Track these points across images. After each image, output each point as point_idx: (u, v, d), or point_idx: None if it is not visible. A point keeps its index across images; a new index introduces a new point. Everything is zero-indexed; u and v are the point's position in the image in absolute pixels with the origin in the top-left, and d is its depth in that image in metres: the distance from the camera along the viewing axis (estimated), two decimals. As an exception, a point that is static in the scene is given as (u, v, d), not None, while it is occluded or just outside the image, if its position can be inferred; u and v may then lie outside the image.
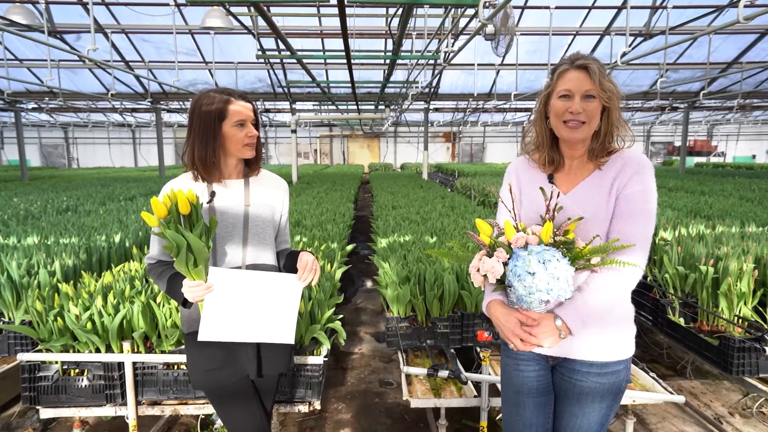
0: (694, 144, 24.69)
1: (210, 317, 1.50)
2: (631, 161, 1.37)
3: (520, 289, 1.29)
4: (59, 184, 11.17)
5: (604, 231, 1.36)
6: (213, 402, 1.71)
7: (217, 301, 1.50)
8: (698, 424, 2.85)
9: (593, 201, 1.37)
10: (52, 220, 5.10)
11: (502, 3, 3.39)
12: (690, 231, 4.11)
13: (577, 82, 1.34)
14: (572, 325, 1.30)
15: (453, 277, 2.84)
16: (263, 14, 4.57)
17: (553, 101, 1.39)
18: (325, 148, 29.26)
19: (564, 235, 1.32)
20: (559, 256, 1.27)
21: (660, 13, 8.89)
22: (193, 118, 1.57)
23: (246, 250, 1.64)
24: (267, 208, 1.69)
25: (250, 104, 1.61)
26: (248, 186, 1.68)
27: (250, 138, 1.59)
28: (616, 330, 1.40)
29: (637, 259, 1.31)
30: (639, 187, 1.34)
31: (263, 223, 1.67)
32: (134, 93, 13.13)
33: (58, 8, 9.00)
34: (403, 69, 10.42)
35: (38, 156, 27.45)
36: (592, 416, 1.42)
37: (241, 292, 1.53)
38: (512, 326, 1.33)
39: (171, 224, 1.41)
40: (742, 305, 2.81)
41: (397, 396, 3.18)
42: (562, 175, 1.46)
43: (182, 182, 1.62)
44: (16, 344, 2.80)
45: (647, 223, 1.34)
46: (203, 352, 1.61)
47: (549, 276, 1.25)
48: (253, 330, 1.56)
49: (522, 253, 1.30)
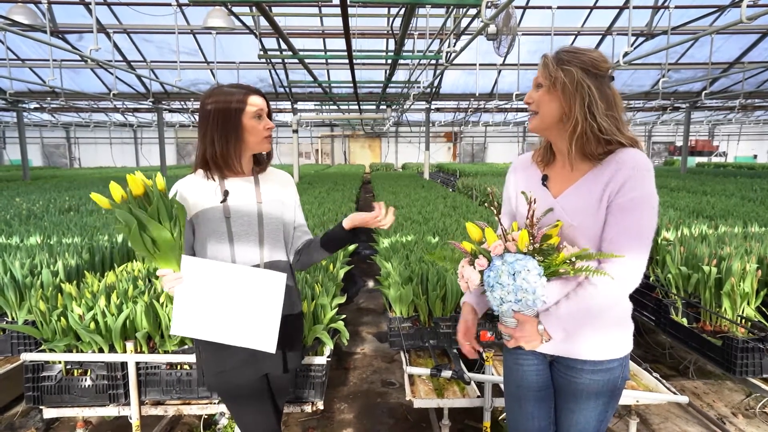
0: (695, 144, 24.66)
1: (181, 310, 1.44)
2: (624, 164, 1.27)
3: (491, 299, 1.33)
4: (61, 183, 11.19)
5: (595, 238, 1.33)
6: (226, 402, 1.69)
7: (190, 294, 1.43)
8: (701, 424, 2.84)
9: (582, 207, 1.32)
10: (55, 220, 5.11)
11: (504, 3, 3.38)
12: (692, 231, 4.11)
13: (536, 75, 1.37)
14: (553, 332, 1.31)
15: (455, 277, 2.84)
16: (265, 14, 4.57)
17: None
18: (326, 148, 29.27)
19: (544, 241, 1.30)
20: (531, 265, 1.26)
21: (662, 13, 8.88)
22: (210, 114, 1.52)
23: (263, 248, 1.62)
24: (278, 204, 1.68)
25: (264, 97, 1.61)
26: (258, 183, 1.66)
27: (269, 130, 1.60)
28: (609, 330, 1.39)
29: (621, 271, 1.25)
30: (633, 195, 1.26)
31: (276, 221, 1.66)
32: (136, 93, 13.14)
33: (60, 8, 9.01)
34: (405, 69, 10.42)
35: (40, 156, 27.49)
36: (588, 413, 1.43)
37: (217, 285, 1.45)
38: (460, 330, 1.54)
39: (123, 204, 1.37)
40: (745, 305, 2.80)
41: (400, 396, 3.18)
42: (556, 174, 1.43)
43: (190, 181, 1.60)
44: (19, 344, 2.80)
45: (641, 234, 1.27)
46: (218, 353, 1.57)
47: (517, 288, 1.26)
48: (231, 330, 1.47)
49: (497, 262, 1.30)
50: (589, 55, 1.31)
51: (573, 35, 10.68)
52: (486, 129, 27.72)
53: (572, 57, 1.30)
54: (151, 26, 9.82)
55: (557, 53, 1.33)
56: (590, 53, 1.31)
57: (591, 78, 1.29)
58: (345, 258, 3.96)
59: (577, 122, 1.29)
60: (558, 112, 1.33)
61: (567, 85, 1.29)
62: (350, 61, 6.80)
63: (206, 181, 1.59)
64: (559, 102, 1.32)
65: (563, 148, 1.38)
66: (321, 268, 3.23)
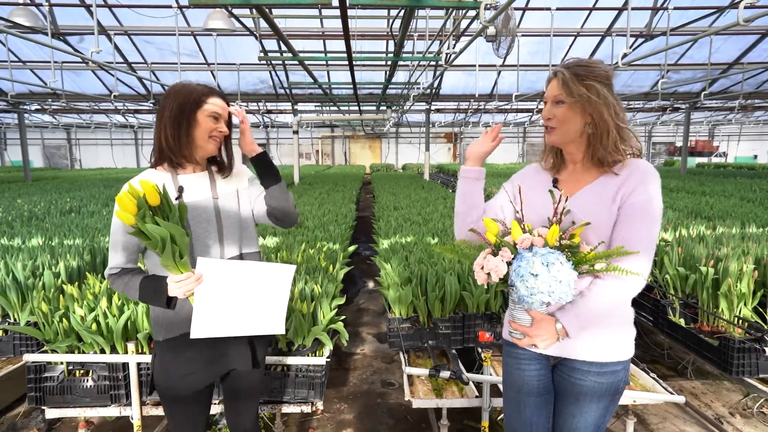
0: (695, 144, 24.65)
1: (202, 312, 1.43)
2: (636, 170, 1.37)
3: (522, 289, 1.30)
4: (62, 185, 11.21)
5: (605, 238, 1.37)
6: (166, 402, 1.64)
7: (209, 294, 1.43)
8: (699, 424, 2.86)
9: (595, 207, 1.38)
10: (56, 222, 5.13)
11: (503, 5, 3.40)
12: (690, 232, 4.13)
13: (550, 90, 1.42)
14: (571, 330, 1.35)
15: (454, 278, 2.86)
16: (265, 16, 4.59)
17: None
18: (326, 148, 29.29)
19: (570, 239, 1.33)
20: (563, 259, 1.28)
21: (661, 14, 8.89)
22: (167, 104, 1.52)
23: (224, 245, 1.59)
24: (234, 195, 1.65)
25: (228, 105, 1.60)
26: (213, 178, 1.63)
27: (219, 132, 1.56)
28: (615, 332, 1.42)
29: (640, 268, 1.31)
30: (644, 197, 1.34)
31: (235, 215, 1.63)
32: (137, 94, 13.16)
33: (61, 10, 9.03)
34: (405, 70, 10.44)
35: (41, 157, 27.53)
36: (589, 416, 1.44)
37: (231, 282, 1.46)
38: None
39: (147, 218, 1.33)
40: (742, 306, 2.82)
41: (399, 396, 3.20)
42: (566, 178, 1.49)
43: (145, 177, 1.55)
44: (21, 345, 2.82)
45: (651, 231, 1.34)
46: (185, 355, 1.56)
47: (551, 279, 1.26)
48: (245, 323, 1.51)
49: (527, 254, 1.31)
50: (601, 67, 1.39)
51: (572, 36, 10.69)
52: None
53: (588, 72, 1.37)
54: (152, 28, 9.84)
55: (571, 69, 1.38)
56: (600, 65, 1.39)
57: (608, 89, 1.38)
58: (345, 259, 3.98)
59: (609, 131, 1.37)
60: (580, 125, 1.40)
61: (594, 99, 1.36)
62: (350, 63, 6.82)
63: (159, 176, 1.57)
64: (581, 117, 1.39)
65: (579, 158, 1.45)
66: (321, 269, 3.25)
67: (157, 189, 1.36)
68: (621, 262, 1.30)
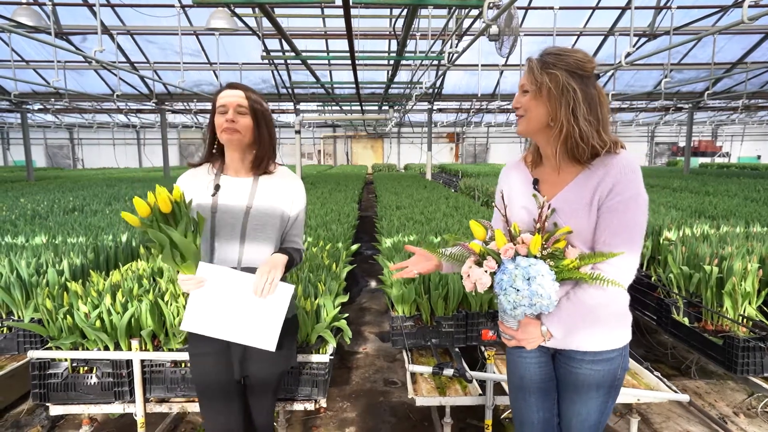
0: (698, 144, 24.61)
1: (194, 309, 1.56)
2: (612, 167, 1.30)
3: (504, 303, 1.33)
4: (65, 184, 11.24)
5: (587, 240, 1.36)
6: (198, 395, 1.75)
7: (204, 295, 1.55)
8: (703, 423, 2.85)
9: (574, 211, 1.35)
10: (59, 220, 5.14)
11: (506, 4, 3.39)
12: (694, 231, 4.11)
13: (522, 78, 1.39)
14: (556, 333, 1.39)
15: (457, 277, 2.86)
16: (268, 15, 4.59)
17: None
18: (328, 148, 29.31)
19: (554, 244, 1.32)
20: (545, 271, 1.27)
21: (664, 14, 8.87)
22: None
23: (243, 247, 1.65)
24: (270, 207, 1.68)
25: (240, 91, 1.62)
26: (257, 184, 1.69)
27: (227, 122, 1.59)
28: (608, 323, 1.43)
29: (623, 272, 1.31)
30: (621, 197, 1.29)
31: (264, 223, 1.66)
32: (139, 94, 13.19)
33: (64, 10, 9.05)
34: (407, 70, 10.44)
35: (44, 157, 27.62)
36: (590, 403, 1.46)
37: (228, 290, 1.57)
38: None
39: (154, 223, 1.46)
40: (746, 305, 2.81)
41: (402, 395, 3.20)
42: (546, 177, 1.44)
43: (191, 175, 1.71)
44: (25, 342, 2.83)
45: (633, 233, 1.31)
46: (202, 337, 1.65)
47: (532, 293, 1.27)
48: (236, 330, 1.58)
49: (509, 266, 1.30)
50: (573, 56, 1.31)
51: (575, 35, 10.67)
52: (488, 130, 27.69)
53: (557, 60, 1.31)
54: (155, 27, 9.86)
55: (542, 56, 1.34)
56: (575, 54, 1.32)
57: (576, 80, 1.30)
58: (348, 258, 3.98)
59: (563, 126, 1.31)
60: (545, 116, 1.34)
61: (552, 90, 1.30)
62: (353, 62, 6.82)
63: (205, 175, 1.70)
64: (545, 107, 1.33)
65: (549, 152, 1.40)
66: (324, 267, 3.25)
67: (169, 198, 1.46)
68: (605, 263, 1.31)
